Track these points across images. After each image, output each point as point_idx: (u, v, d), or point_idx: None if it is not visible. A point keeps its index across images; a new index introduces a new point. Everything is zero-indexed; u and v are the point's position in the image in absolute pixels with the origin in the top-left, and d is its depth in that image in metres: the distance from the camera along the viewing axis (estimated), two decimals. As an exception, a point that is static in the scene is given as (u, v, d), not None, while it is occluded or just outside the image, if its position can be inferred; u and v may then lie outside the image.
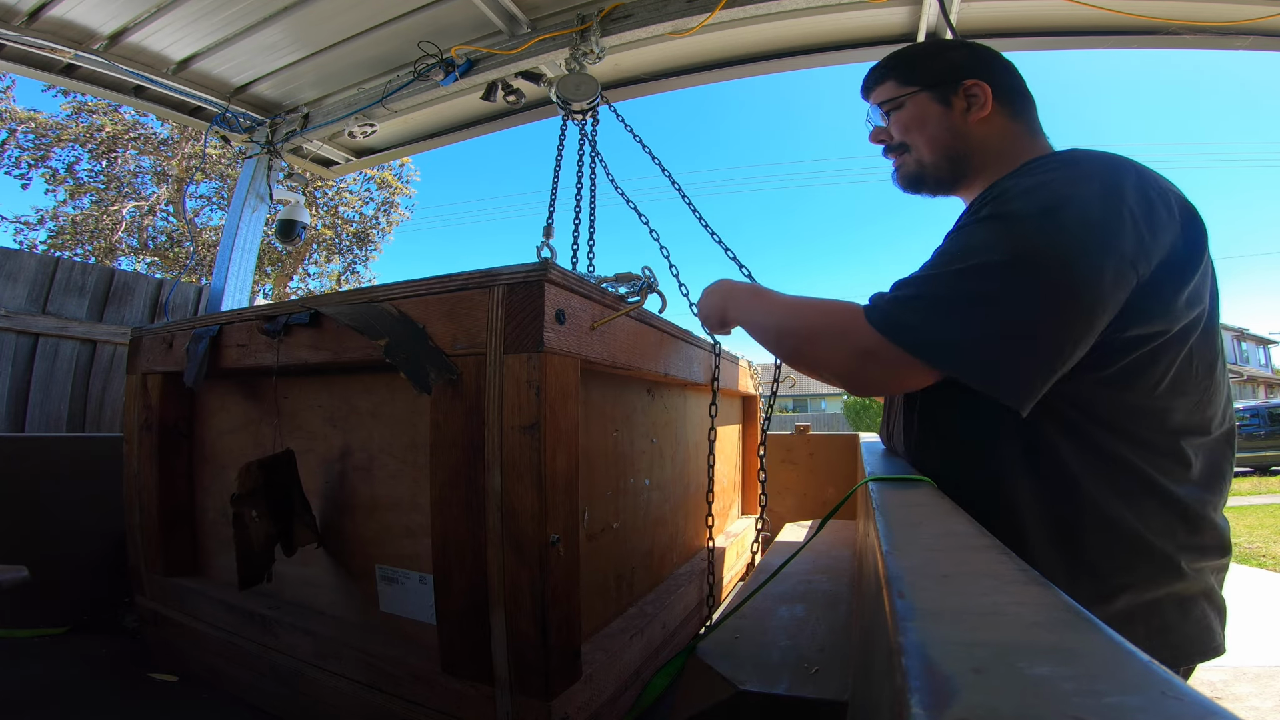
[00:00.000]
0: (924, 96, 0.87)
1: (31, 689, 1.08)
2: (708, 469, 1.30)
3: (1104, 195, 0.65)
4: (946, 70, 0.86)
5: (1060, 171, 0.69)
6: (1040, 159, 0.77)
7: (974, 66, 0.87)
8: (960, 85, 0.85)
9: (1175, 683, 0.18)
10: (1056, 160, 0.73)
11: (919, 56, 0.92)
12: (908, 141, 0.90)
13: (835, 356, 0.75)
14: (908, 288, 0.69)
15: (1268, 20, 1.59)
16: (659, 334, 1.10)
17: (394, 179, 13.08)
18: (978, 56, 0.89)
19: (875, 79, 0.94)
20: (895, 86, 0.90)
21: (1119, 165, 0.69)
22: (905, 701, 0.18)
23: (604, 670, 0.84)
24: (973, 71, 0.85)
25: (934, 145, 0.88)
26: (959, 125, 0.85)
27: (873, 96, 0.94)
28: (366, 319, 0.84)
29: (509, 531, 0.72)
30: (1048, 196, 0.66)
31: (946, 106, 0.86)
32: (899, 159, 0.93)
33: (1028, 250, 0.63)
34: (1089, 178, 0.67)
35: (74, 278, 2.36)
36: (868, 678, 0.39)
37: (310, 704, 0.93)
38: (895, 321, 0.68)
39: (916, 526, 0.45)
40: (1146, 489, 0.68)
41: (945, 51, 0.91)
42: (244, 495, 0.92)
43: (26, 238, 11.01)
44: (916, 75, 0.88)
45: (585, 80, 1.79)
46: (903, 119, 0.89)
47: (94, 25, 2.04)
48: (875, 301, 0.71)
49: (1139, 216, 0.64)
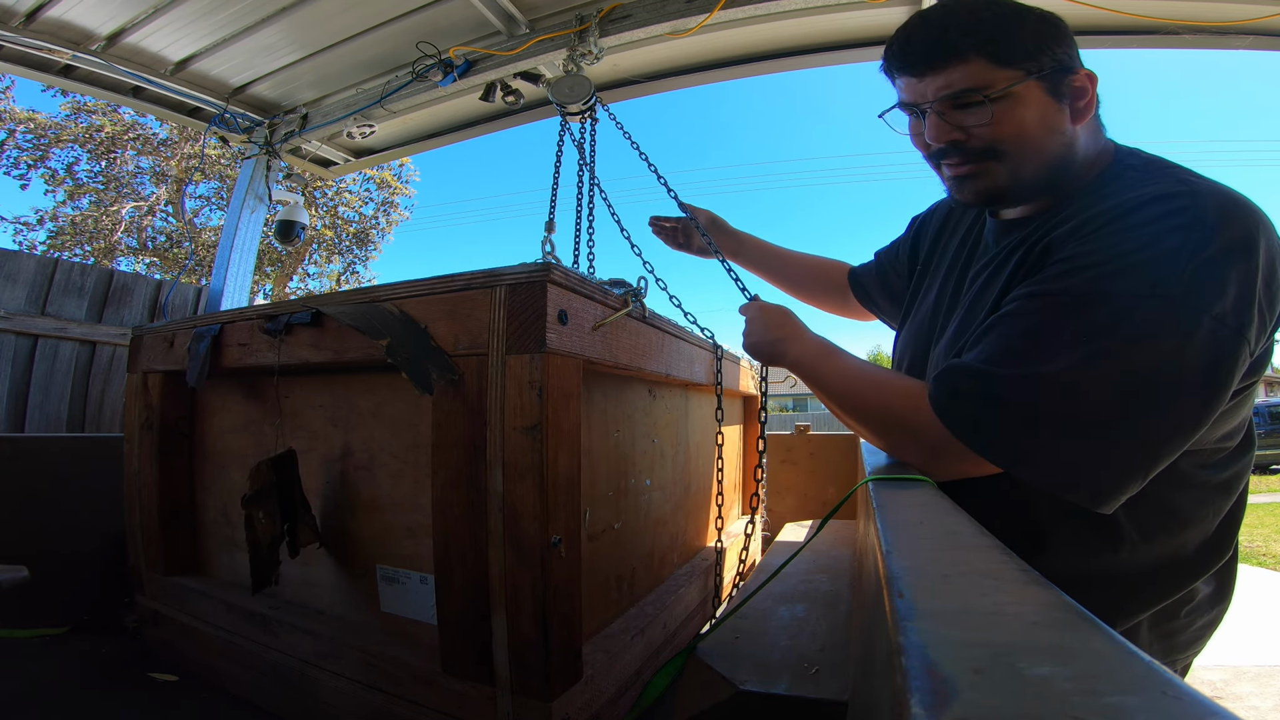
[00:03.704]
0: (1035, 86, 0.66)
1: (31, 689, 1.07)
2: (716, 470, 1.30)
3: (1239, 273, 0.54)
4: (1051, 51, 0.66)
5: (1173, 218, 0.57)
6: (1140, 180, 0.64)
7: (1071, 47, 0.68)
8: (1072, 74, 0.67)
9: (1175, 683, 0.18)
10: (1176, 197, 0.59)
11: (1016, 25, 0.66)
12: (1004, 145, 0.68)
13: (908, 454, 0.70)
14: (990, 383, 0.60)
15: (1268, 20, 1.59)
16: (660, 334, 1.10)
17: (393, 179, 13.07)
18: (1065, 33, 0.68)
19: (945, 52, 0.67)
20: (989, 68, 0.65)
21: (1245, 216, 0.57)
22: (905, 701, 0.19)
23: (604, 671, 0.84)
24: (1071, 54, 0.67)
25: (1043, 153, 0.68)
26: (1067, 127, 0.68)
27: (940, 79, 0.67)
28: (368, 319, 0.84)
29: (510, 532, 0.73)
30: (1180, 272, 0.54)
31: (1059, 101, 0.67)
32: (975, 167, 0.71)
33: (1148, 362, 0.54)
34: (1229, 245, 0.55)
35: (73, 279, 2.36)
36: (868, 678, 0.39)
37: (310, 704, 0.93)
38: (979, 432, 0.60)
39: (916, 526, 0.45)
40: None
41: (1037, 24, 0.67)
42: (255, 496, 0.92)
43: (26, 238, 11.03)
44: (1020, 53, 0.65)
45: (580, 82, 1.78)
46: (1004, 114, 0.66)
47: (92, 26, 2.03)
48: (947, 393, 0.63)
49: (1263, 293, 0.55)
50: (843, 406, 0.78)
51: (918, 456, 0.68)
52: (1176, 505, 0.66)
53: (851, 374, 0.79)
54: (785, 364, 0.93)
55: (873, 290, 1.17)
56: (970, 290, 0.78)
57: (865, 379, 0.77)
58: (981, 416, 0.61)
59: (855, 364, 0.81)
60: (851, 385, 0.78)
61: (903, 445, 0.71)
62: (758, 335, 0.95)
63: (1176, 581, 0.69)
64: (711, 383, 1.35)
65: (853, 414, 0.77)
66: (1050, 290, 0.61)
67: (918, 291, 0.96)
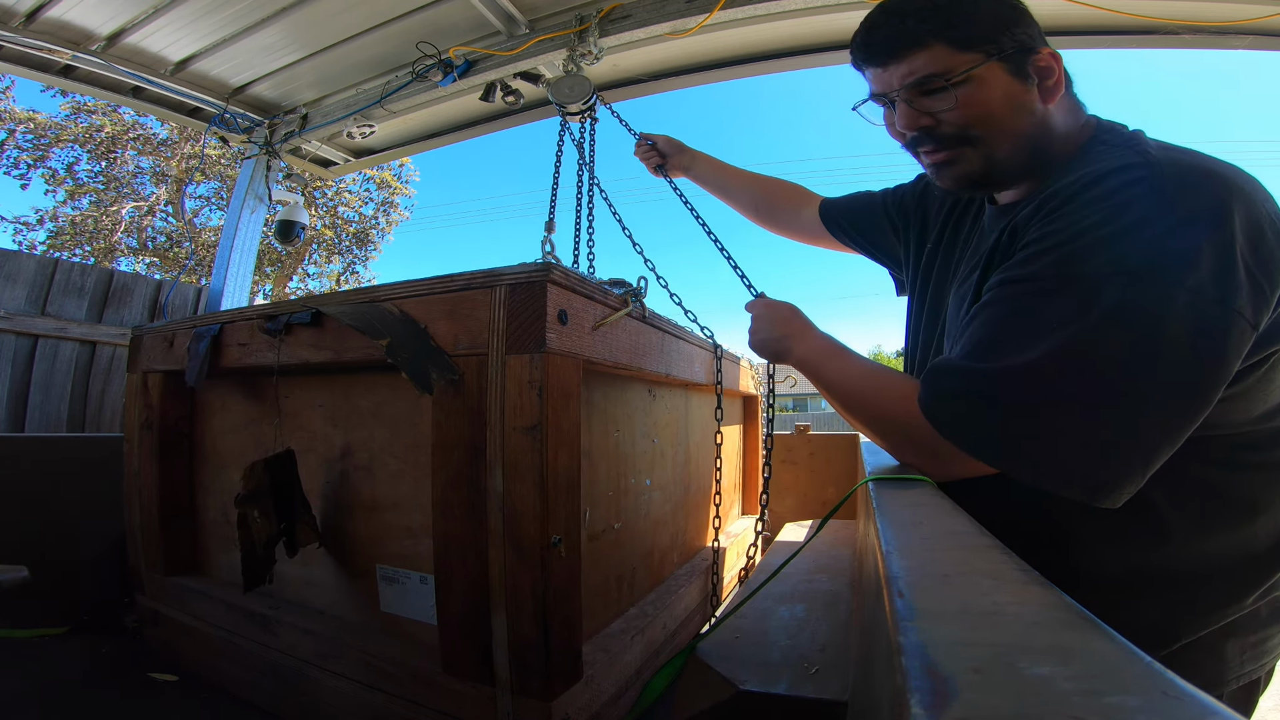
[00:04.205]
0: (997, 68, 0.66)
1: (31, 689, 1.07)
2: (715, 470, 1.30)
3: (1211, 242, 0.52)
4: (1010, 32, 0.67)
5: (1148, 200, 0.55)
6: (1106, 154, 0.63)
7: (1031, 27, 0.68)
8: (1034, 54, 0.67)
9: (1175, 682, 0.18)
10: (1132, 168, 0.58)
11: (973, 9, 0.67)
12: (975, 129, 0.68)
13: (909, 457, 0.70)
14: (972, 381, 0.59)
15: (1267, 20, 1.59)
16: (660, 334, 1.10)
17: (393, 179, 13.08)
18: (1023, 12, 0.68)
19: (905, 40, 0.68)
20: (949, 52, 0.66)
21: (1211, 183, 0.55)
22: (905, 701, 0.19)
23: (604, 671, 0.84)
24: (1032, 34, 0.68)
25: (1015, 134, 0.68)
26: (1037, 106, 0.67)
27: (904, 67, 0.69)
28: (368, 318, 0.84)
29: (510, 532, 0.73)
30: (1143, 247, 0.53)
31: (1025, 81, 0.67)
32: (950, 153, 0.71)
33: (1124, 344, 0.52)
34: (1191, 214, 0.53)
35: (73, 279, 2.36)
36: (868, 678, 0.39)
37: (310, 704, 0.93)
38: (967, 432, 0.59)
39: (916, 526, 0.45)
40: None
41: (993, 5, 0.68)
42: (249, 495, 0.92)
43: (26, 238, 11.02)
44: (979, 36, 0.66)
45: (579, 82, 1.78)
46: (969, 98, 0.66)
47: (92, 26, 2.03)
48: (933, 394, 0.62)
49: (1250, 259, 0.53)
50: (846, 407, 0.78)
51: (917, 459, 0.68)
52: (1235, 491, 0.62)
53: (854, 375, 0.79)
54: (790, 361, 0.93)
55: (848, 229, 1.16)
56: (965, 280, 0.77)
57: (866, 380, 0.76)
58: (967, 415, 0.60)
59: (859, 364, 0.80)
60: (854, 386, 0.77)
61: (903, 448, 0.71)
62: (764, 333, 0.95)
63: (1254, 578, 0.62)
64: (711, 382, 1.35)
65: (856, 415, 0.77)
66: (1018, 276, 0.60)
67: (930, 272, 0.92)
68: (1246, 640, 0.64)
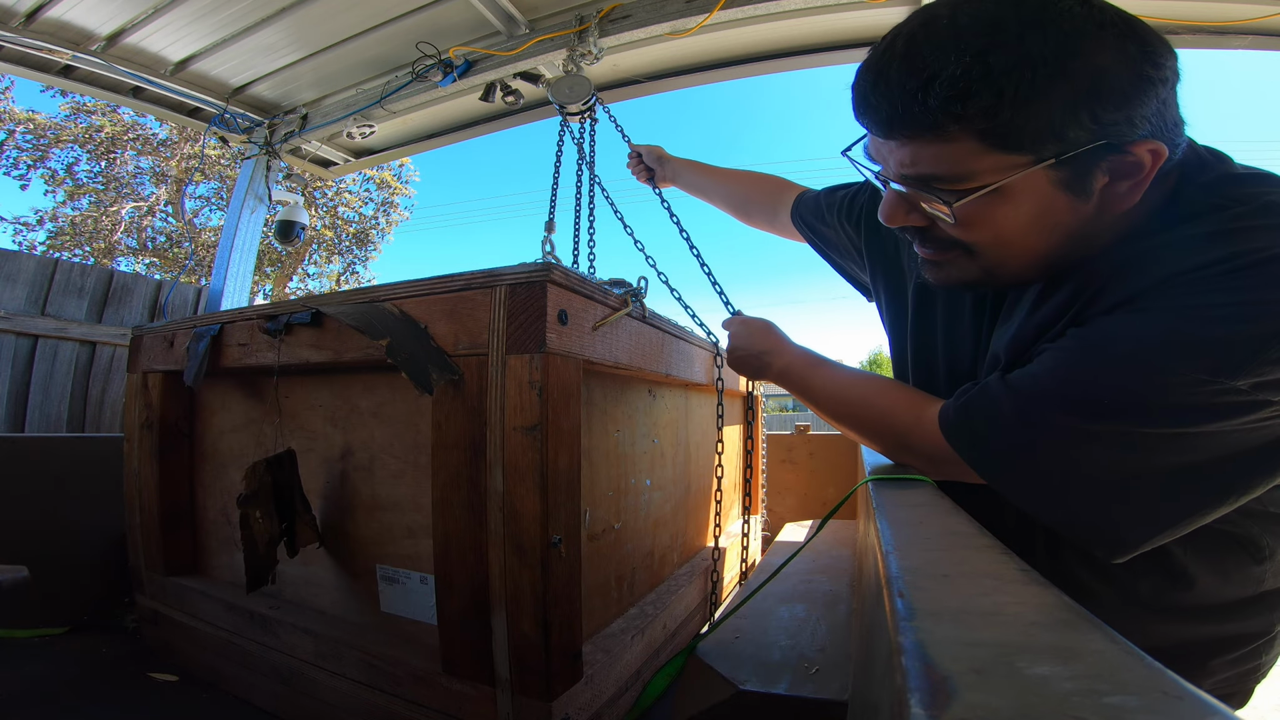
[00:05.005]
0: (1041, 176, 0.47)
1: (31, 689, 1.07)
2: (716, 470, 1.30)
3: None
4: (1097, 118, 0.44)
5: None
6: (1206, 213, 0.47)
7: (1145, 105, 0.45)
8: (1121, 154, 0.46)
9: (1176, 682, 0.18)
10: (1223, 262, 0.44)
11: (1050, 84, 0.44)
12: (979, 244, 0.54)
13: (902, 459, 0.70)
14: (1015, 424, 0.51)
15: (1267, 20, 1.59)
16: (661, 334, 1.10)
17: (393, 179, 13.09)
18: (1145, 87, 0.45)
19: (916, 122, 0.48)
20: (978, 151, 0.47)
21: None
22: (905, 701, 0.19)
23: (605, 671, 0.84)
24: (1143, 117, 0.45)
25: (1030, 254, 0.53)
26: (1084, 218, 0.49)
27: (906, 152, 0.51)
28: (368, 318, 0.84)
29: (510, 532, 0.73)
30: (1243, 349, 0.42)
31: (1076, 197, 0.48)
32: (940, 256, 0.58)
33: (1193, 454, 0.45)
34: None
35: (73, 279, 2.36)
36: (868, 678, 0.39)
37: (310, 704, 0.93)
38: (989, 459, 0.55)
39: (917, 526, 0.45)
40: None
41: (1094, 77, 0.44)
42: (250, 496, 0.92)
43: (25, 239, 11.03)
44: (1036, 131, 0.45)
45: (579, 82, 1.78)
46: (975, 216, 0.50)
47: (91, 26, 2.03)
48: (959, 416, 0.57)
49: None
50: (836, 415, 0.79)
51: (914, 462, 0.69)
52: (1239, 530, 0.57)
53: (842, 382, 0.79)
54: (770, 377, 0.93)
55: (817, 229, 1.06)
56: (978, 313, 0.70)
57: (857, 388, 0.77)
58: (1001, 452, 0.54)
59: (844, 372, 0.81)
60: (845, 394, 0.78)
61: (899, 453, 0.72)
62: (742, 350, 0.96)
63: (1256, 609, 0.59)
64: (711, 382, 1.35)
65: (847, 421, 0.77)
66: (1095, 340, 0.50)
67: (905, 294, 0.83)
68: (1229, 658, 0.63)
